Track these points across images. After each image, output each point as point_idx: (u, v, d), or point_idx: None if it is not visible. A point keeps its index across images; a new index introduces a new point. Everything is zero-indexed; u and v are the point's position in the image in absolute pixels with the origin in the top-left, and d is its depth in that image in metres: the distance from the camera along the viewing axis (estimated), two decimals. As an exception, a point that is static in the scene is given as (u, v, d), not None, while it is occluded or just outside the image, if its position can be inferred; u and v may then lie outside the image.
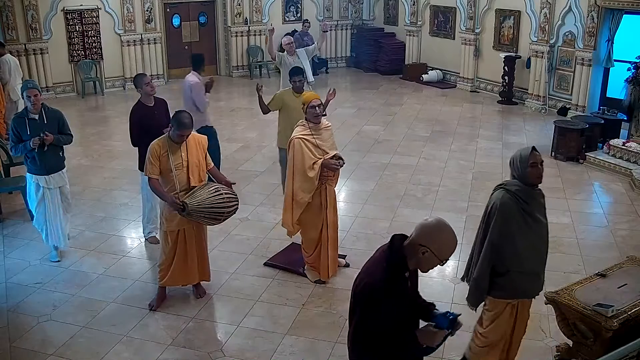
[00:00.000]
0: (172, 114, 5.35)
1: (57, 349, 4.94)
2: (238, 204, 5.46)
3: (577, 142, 9.38)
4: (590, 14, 11.14)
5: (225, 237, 6.84)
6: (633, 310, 4.06)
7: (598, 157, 9.21)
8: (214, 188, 5.25)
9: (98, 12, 13.86)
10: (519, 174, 3.93)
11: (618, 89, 10.05)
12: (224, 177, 5.62)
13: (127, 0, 14.11)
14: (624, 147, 9.04)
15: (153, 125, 6.04)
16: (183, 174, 5.22)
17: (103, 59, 14.14)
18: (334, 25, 17.07)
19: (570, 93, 11.89)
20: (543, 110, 12.32)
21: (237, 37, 15.83)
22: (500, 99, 13.23)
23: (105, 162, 9.56)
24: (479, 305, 4.20)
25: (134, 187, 7.70)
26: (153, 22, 14.62)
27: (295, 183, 5.62)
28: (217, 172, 5.65)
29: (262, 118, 7.78)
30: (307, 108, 5.64)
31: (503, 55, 13.01)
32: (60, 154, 6.27)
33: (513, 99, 13.10)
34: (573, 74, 11.79)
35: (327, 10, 17.05)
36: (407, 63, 16.00)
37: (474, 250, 4.13)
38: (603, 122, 9.78)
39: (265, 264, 6.26)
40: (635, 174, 8.50)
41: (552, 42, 12.10)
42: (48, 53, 13.34)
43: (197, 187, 5.23)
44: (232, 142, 10.29)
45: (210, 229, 5.91)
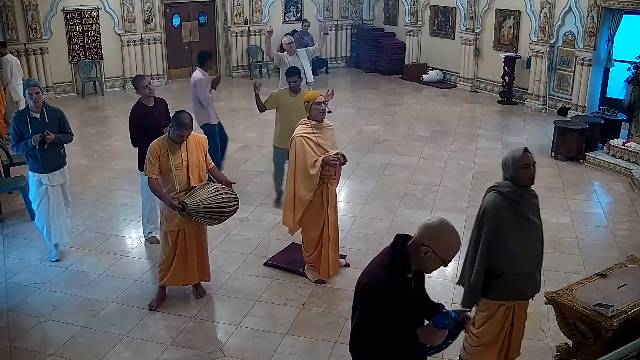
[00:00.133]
0: (172, 114, 5.35)
1: (57, 349, 4.94)
2: (238, 204, 5.46)
3: (577, 142, 9.38)
4: (590, 14, 11.14)
5: (225, 237, 6.83)
6: (633, 310, 4.06)
7: (598, 157, 9.21)
8: (214, 188, 5.25)
9: (98, 12, 13.87)
10: (511, 176, 3.90)
11: (618, 89, 10.05)
12: (224, 176, 5.62)
13: (127, 0, 14.12)
14: (624, 147, 9.04)
15: (153, 125, 6.06)
16: (183, 174, 5.22)
17: (103, 59, 14.15)
18: (334, 25, 17.05)
19: (570, 93, 11.89)
20: (543, 110, 12.32)
21: (237, 37, 15.83)
22: (500, 99, 13.23)
23: (105, 162, 9.56)
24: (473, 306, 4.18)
25: (134, 187, 7.70)
26: (153, 22, 14.62)
27: (297, 181, 5.62)
28: (217, 171, 5.65)
29: (262, 118, 7.79)
30: (312, 105, 5.63)
31: (503, 55, 13.01)
32: (62, 152, 6.33)
33: (513, 99, 13.10)
34: (573, 74, 11.79)
35: (327, 10, 17.04)
36: (407, 63, 15.99)
37: (468, 253, 4.10)
38: (603, 122, 9.78)
39: (265, 264, 6.26)
40: (635, 174, 8.50)
41: (552, 42, 12.10)
42: (48, 53, 13.35)
43: (197, 187, 5.23)
44: (232, 142, 10.21)
45: (210, 229, 5.92)
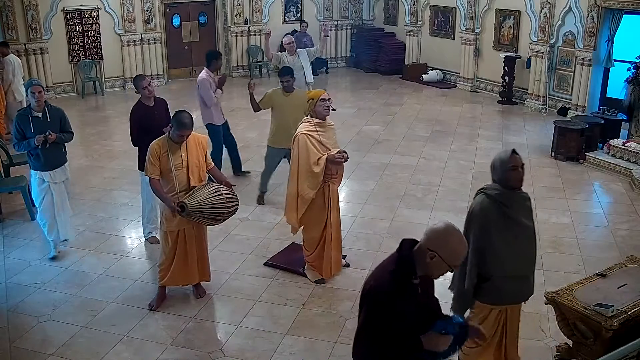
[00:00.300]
0: (172, 114, 5.35)
1: (57, 349, 4.94)
2: (238, 204, 5.46)
3: (577, 142, 9.38)
4: (590, 14, 11.14)
5: (225, 237, 6.83)
6: (633, 310, 4.05)
7: (598, 157, 9.21)
8: (214, 188, 5.24)
9: (98, 12, 13.86)
10: (499, 178, 3.87)
11: (618, 89, 10.05)
12: (225, 177, 5.62)
13: (127, 0, 14.11)
14: (624, 147, 9.04)
15: (153, 125, 6.07)
16: (183, 174, 5.22)
17: (103, 59, 14.15)
18: (334, 25, 17.05)
19: (570, 93, 11.89)
20: (543, 110, 12.32)
21: (237, 37, 15.83)
22: (500, 99, 13.22)
23: (105, 162, 9.56)
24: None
25: (134, 187, 7.70)
26: (153, 22, 14.62)
27: (301, 179, 5.61)
28: (217, 172, 5.65)
29: (262, 118, 7.80)
30: (317, 102, 5.62)
31: (503, 55, 13.01)
32: (62, 150, 6.40)
33: (513, 99, 13.09)
34: (573, 74, 11.79)
35: (327, 10, 17.04)
36: (407, 63, 15.99)
37: None
38: (603, 122, 9.78)
39: (265, 264, 6.26)
40: (635, 174, 8.50)
41: (552, 42, 12.10)
42: (48, 53, 13.35)
43: (197, 187, 5.23)
44: (232, 142, 10.29)
45: (210, 229, 5.91)
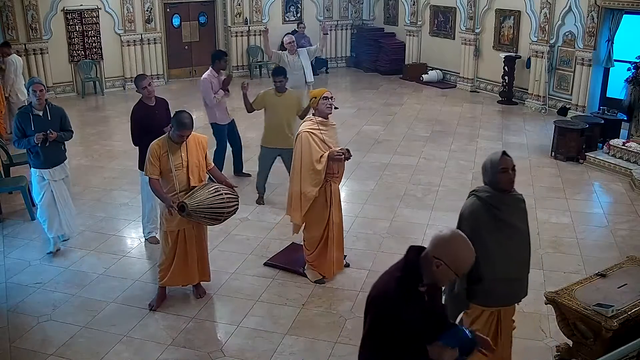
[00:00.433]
0: (172, 114, 5.35)
1: (57, 349, 4.94)
2: (238, 204, 5.46)
3: (577, 142, 9.38)
4: (590, 14, 11.14)
5: (225, 237, 6.83)
6: (633, 310, 4.05)
7: (598, 157, 9.21)
8: (214, 188, 5.25)
9: (98, 12, 13.86)
10: (490, 180, 3.83)
11: (618, 89, 10.05)
12: (225, 177, 5.62)
13: (127, 0, 14.11)
14: (624, 147, 9.04)
15: (154, 125, 6.07)
16: (183, 174, 5.22)
17: (103, 59, 14.14)
18: (334, 25, 17.05)
19: (570, 93, 11.88)
20: (543, 110, 12.31)
21: (237, 37, 15.82)
22: (500, 99, 13.22)
23: (105, 162, 9.56)
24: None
25: (134, 187, 7.70)
26: (153, 22, 14.61)
27: (303, 177, 5.62)
28: (217, 172, 5.65)
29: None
30: (319, 100, 5.64)
31: (503, 55, 13.01)
32: (62, 148, 6.46)
33: (513, 99, 13.09)
34: (573, 74, 11.79)
35: (327, 10, 17.04)
36: (407, 63, 15.98)
37: None
38: (603, 122, 9.78)
39: (265, 264, 6.26)
40: (635, 174, 8.50)
41: (552, 42, 12.09)
42: (48, 53, 13.34)
43: (197, 187, 5.23)
44: (232, 142, 10.29)
45: (210, 229, 5.92)
